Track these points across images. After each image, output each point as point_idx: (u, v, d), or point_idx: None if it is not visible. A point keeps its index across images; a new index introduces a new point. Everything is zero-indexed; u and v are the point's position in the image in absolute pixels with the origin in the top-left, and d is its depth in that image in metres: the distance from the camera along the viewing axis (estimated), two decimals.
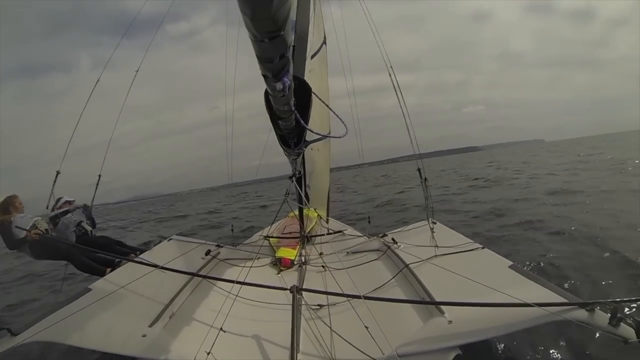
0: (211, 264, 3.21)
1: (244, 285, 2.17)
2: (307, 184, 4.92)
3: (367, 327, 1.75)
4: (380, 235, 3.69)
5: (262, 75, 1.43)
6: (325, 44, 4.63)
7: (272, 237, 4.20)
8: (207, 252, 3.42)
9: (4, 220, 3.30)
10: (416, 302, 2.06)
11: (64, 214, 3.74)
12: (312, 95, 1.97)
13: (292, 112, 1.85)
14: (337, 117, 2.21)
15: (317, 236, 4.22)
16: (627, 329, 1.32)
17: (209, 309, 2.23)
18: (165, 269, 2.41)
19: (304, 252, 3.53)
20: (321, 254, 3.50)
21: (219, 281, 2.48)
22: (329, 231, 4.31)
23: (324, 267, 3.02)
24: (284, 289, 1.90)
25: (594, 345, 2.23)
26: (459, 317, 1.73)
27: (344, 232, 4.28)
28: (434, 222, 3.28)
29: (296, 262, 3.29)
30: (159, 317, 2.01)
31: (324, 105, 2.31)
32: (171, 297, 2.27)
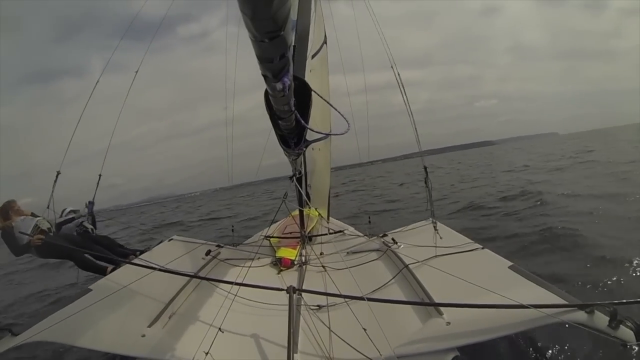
0: (211, 264, 3.22)
1: (242, 286, 2.17)
2: (309, 183, 4.91)
3: (366, 327, 1.74)
4: (380, 235, 3.69)
5: (262, 75, 1.42)
6: (325, 43, 4.62)
7: (273, 237, 4.20)
8: (208, 252, 3.43)
9: (6, 226, 3.32)
10: (414, 304, 2.05)
11: (70, 221, 3.82)
12: (313, 95, 1.97)
13: (292, 112, 1.85)
14: (338, 115, 2.19)
15: (318, 236, 4.23)
16: (626, 332, 1.30)
17: (208, 309, 2.23)
18: (164, 270, 2.42)
19: (304, 252, 3.53)
20: (321, 253, 3.50)
21: (218, 282, 2.48)
22: (329, 231, 4.30)
23: (323, 267, 3.02)
24: (281, 290, 1.89)
25: (593, 347, 2.22)
26: (457, 318, 1.73)
27: (345, 231, 4.28)
28: (435, 222, 3.27)
29: (296, 262, 3.29)
30: (158, 317, 2.02)
31: (325, 104, 2.30)
32: (171, 298, 2.28)
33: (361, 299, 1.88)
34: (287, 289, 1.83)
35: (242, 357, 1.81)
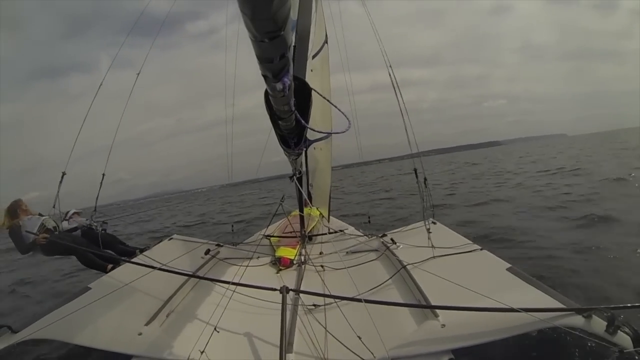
0: (210, 263, 3.22)
1: (239, 285, 2.17)
2: (310, 182, 4.92)
3: (362, 328, 1.75)
4: (380, 235, 3.69)
5: (262, 75, 1.42)
6: (327, 43, 4.62)
7: (273, 236, 4.20)
8: (207, 252, 3.43)
9: (14, 225, 3.40)
10: (409, 306, 2.05)
11: (74, 230, 3.88)
12: (313, 95, 1.97)
13: (292, 112, 1.85)
14: (339, 115, 2.18)
15: (318, 235, 4.23)
16: (624, 337, 1.29)
17: (205, 308, 2.25)
18: (162, 269, 2.43)
19: (303, 251, 3.53)
20: (321, 253, 3.51)
21: (215, 281, 2.49)
22: (329, 230, 4.31)
23: (322, 266, 3.02)
24: (275, 290, 1.90)
25: (589, 352, 2.18)
26: (453, 321, 1.72)
27: (345, 231, 4.28)
28: (434, 222, 3.26)
29: (295, 262, 3.29)
30: (155, 315, 2.04)
31: (325, 103, 2.30)
32: (169, 296, 2.29)
33: (358, 300, 1.88)
34: (280, 289, 1.83)
35: (237, 356, 1.81)
